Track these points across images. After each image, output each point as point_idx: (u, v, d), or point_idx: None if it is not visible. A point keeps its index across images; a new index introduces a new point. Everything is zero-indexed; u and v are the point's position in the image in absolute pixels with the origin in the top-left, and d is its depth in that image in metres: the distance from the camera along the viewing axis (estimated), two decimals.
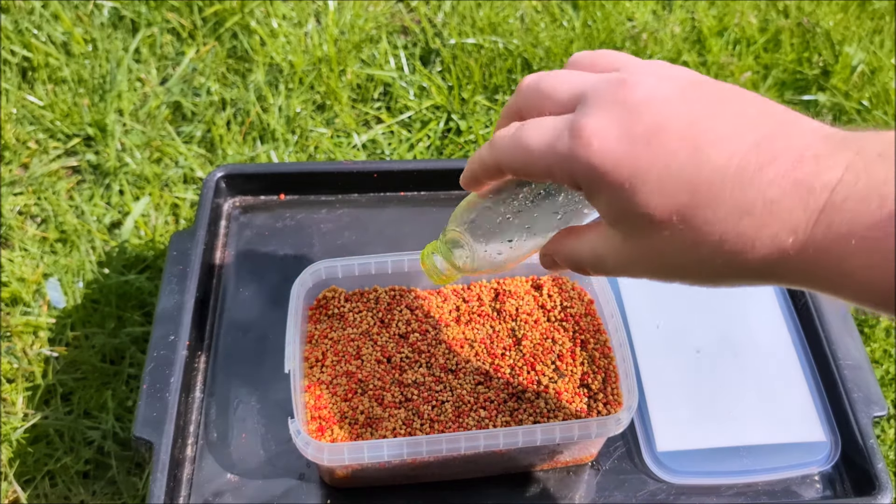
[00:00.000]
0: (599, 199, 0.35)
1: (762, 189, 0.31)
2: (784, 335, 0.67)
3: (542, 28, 1.19)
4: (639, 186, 0.33)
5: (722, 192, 0.31)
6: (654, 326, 0.66)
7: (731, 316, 0.67)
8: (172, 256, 0.67)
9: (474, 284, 0.63)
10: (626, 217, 0.34)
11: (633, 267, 0.36)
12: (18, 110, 1.06)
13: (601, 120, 0.33)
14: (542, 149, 0.35)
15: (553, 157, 0.35)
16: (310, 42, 1.15)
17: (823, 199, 0.30)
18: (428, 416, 0.55)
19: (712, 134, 0.32)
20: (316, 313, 0.61)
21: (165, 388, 0.59)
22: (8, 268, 0.92)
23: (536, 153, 0.36)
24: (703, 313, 0.68)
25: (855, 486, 0.60)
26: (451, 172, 0.76)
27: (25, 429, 0.81)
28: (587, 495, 0.58)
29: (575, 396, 0.56)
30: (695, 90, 0.34)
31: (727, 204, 0.31)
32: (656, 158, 0.32)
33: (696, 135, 0.32)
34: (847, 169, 0.30)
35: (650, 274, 0.36)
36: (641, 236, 0.34)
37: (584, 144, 0.33)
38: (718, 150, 0.32)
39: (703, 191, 0.32)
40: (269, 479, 0.58)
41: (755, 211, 0.31)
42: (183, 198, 1.00)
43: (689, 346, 0.66)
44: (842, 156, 0.30)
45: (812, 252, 0.30)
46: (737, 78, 1.16)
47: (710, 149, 0.32)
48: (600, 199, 0.35)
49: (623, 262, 0.36)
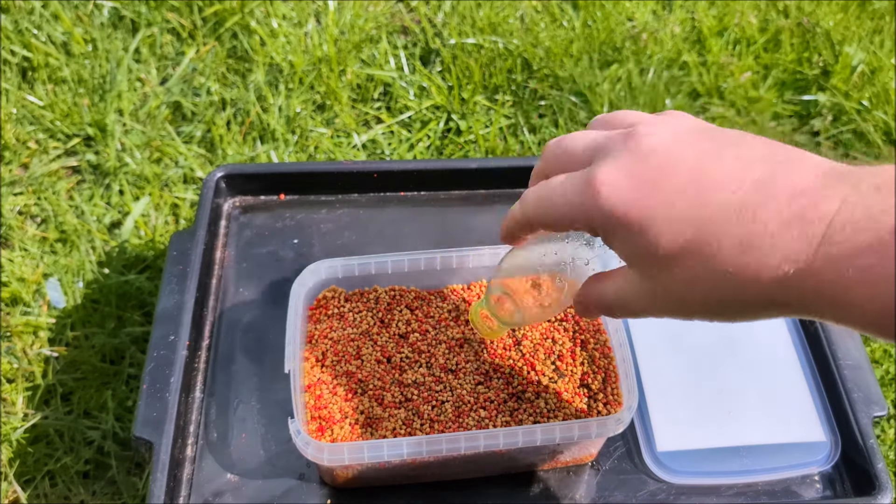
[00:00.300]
0: (615, 242, 0.37)
1: (764, 223, 0.32)
2: (784, 335, 0.67)
3: (542, 28, 1.19)
4: (648, 226, 0.35)
5: (726, 227, 0.33)
6: (654, 326, 0.66)
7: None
8: (172, 256, 0.67)
9: (474, 284, 0.63)
10: (641, 256, 0.36)
11: (653, 306, 0.38)
12: (18, 110, 1.06)
13: (612, 168, 0.36)
14: (563, 201, 0.38)
15: (573, 207, 0.38)
16: (310, 42, 1.15)
17: (821, 230, 0.31)
18: (428, 416, 0.55)
19: (716, 174, 0.34)
20: (316, 313, 0.61)
21: (165, 388, 0.59)
22: (8, 268, 0.92)
23: (559, 206, 0.39)
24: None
25: (855, 486, 0.60)
26: (451, 172, 0.76)
27: (25, 429, 0.81)
28: (587, 495, 0.58)
29: (575, 396, 0.56)
30: (700, 136, 0.36)
31: (731, 238, 0.33)
32: (663, 199, 0.35)
33: (701, 176, 0.34)
34: (844, 201, 0.31)
35: (670, 311, 0.38)
36: (656, 274, 0.36)
37: (596, 193, 0.36)
38: (722, 189, 0.34)
39: (708, 227, 0.34)
40: (269, 479, 0.58)
41: (757, 244, 0.32)
42: (183, 198, 1.00)
43: (689, 346, 0.66)
44: (839, 188, 0.31)
45: (813, 282, 0.31)
46: (737, 78, 1.16)
47: (714, 188, 0.34)
48: (616, 241, 0.37)
49: (644, 302, 0.38)
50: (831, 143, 1.12)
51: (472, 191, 0.76)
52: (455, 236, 0.72)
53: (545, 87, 1.12)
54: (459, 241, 0.71)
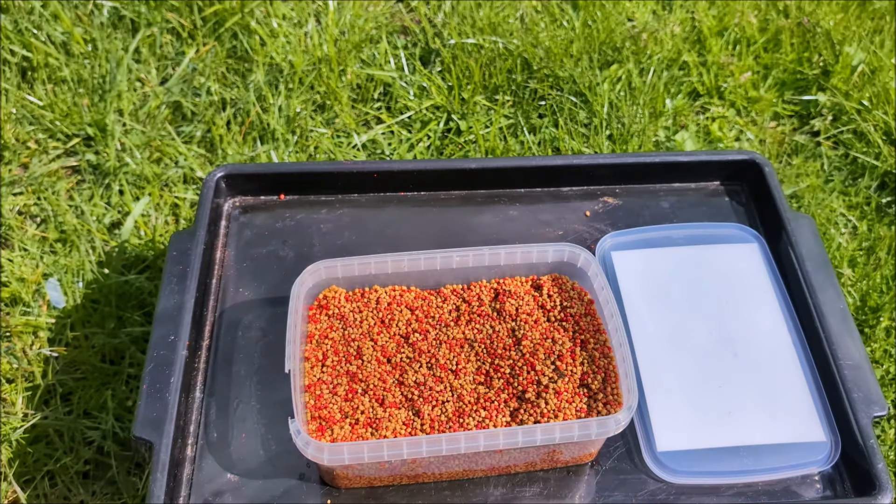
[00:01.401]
0: None
1: None
2: (784, 335, 0.67)
3: (542, 28, 1.19)
4: None
5: None
6: (653, 326, 0.66)
7: (731, 316, 0.67)
8: (172, 256, 0.67)
9: (474, 284, 0.63)
10: None
11: None
12: (18, 110, 1.06)
13: None
14: None
15: None
16: (310, 42, 1.15)
17: None
18: (428, 416, 0.55)
19: None
20: (316, 313, 0.61)
21: (165, 388, 0.59)
22: (8, 268, 0.92)
23: None
24: (704, 314, 0.68)
25: (855, 486, 0.60)
26: (451, 172, 0.76)
27: (25, 429, 0.81)
28: (587, 495, 0.58)
29: (575, 396, 0.56)
30: None
31: None
32: None
33: None
34: None
35: None
36: None
37: None
38: None
39: None
40: (269, 478, 0.58)
41: None
42: (183, 198, 1.00)
43: (690, 347, 0.66)
44: None
45: None
46: (737, 78, 1.16)
47: None
48: None
49: None
50: (831, 143, 1.12)
51: (472, 191, 0.76)
52: (455, 236, 0.72)
53: (545, 87, 1.12)
54: (459, 241, 0.71)
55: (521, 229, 0.73)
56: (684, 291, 0.68)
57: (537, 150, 1.07)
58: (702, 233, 0.72)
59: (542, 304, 0.61)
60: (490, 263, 0.62)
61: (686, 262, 0.70)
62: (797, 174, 1.07)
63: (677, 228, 0.72)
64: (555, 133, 1.08)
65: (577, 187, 0.77)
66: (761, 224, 0.74)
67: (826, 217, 1.01)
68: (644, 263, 0.70)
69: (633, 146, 1.07)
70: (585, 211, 0.75)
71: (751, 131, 1.12)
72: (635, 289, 0.68)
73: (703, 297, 0.68)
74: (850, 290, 0.93)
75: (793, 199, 1.04)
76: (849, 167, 1.08)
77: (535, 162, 0.76)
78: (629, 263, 0.70)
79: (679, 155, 0.80)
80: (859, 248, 0.99)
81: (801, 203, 1.03)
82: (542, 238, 0.73)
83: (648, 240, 0.71)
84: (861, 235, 1.00)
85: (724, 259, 0.70)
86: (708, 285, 0.69)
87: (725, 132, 1.11)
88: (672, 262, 0.70)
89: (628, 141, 1.07)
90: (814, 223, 0.72)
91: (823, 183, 1.06)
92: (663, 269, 0.70)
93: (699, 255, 0.71)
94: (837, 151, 1.11)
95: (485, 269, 0.63)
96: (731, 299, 0.68)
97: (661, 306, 0.68)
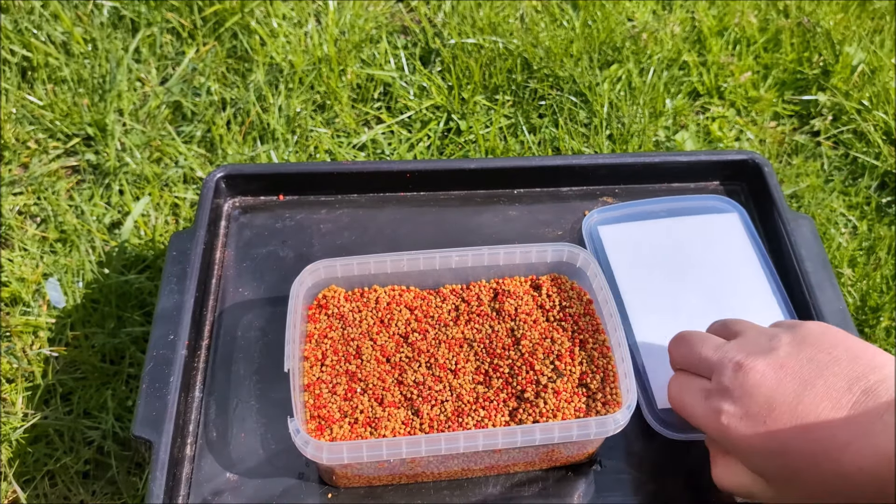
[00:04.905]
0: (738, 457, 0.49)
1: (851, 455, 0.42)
2: (769, 298, 0.68)
3: (542, 28, 1.19)
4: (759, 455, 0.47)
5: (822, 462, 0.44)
6: (644, 293, 0.67)
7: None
8: (172, 256, 0.67)
9: (474, 284, 0.63)
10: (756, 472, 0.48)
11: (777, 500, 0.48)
12: (18, 110, 1.06)
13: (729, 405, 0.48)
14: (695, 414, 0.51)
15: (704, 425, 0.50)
16: (310, 42, 1.15)
17: None
18: (427, 415, 0.55)
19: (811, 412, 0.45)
20: (316, 313, 0.61)
21: (165, 388, 0.59)
22: (8, 268, 0.92)
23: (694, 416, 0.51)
24: (691, 278, 0.69)
25: None
26: (451, 172, 0.76)
27: (25, 429, 0.81)
28: (587, 495, 0.58)
29: (574, 396, 0.56)
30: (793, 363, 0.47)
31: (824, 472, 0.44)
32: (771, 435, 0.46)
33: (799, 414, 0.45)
34: None
35: None
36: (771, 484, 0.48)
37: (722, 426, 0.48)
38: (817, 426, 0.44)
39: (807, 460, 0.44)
40: (268, 478, 0.58)
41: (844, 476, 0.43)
42: (183, 198, 1.00)
43: (679, 309, 0.66)
44: None
45: None
46: (737, 78, 1.16)
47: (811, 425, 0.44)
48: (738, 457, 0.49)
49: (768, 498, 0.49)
50: (831, 142, 1.12)
51: (472, 191, 0.76)
52: (455, 236, 0.72)
53: (545, 87, 1.12)
54: (459, 241, 0.71)
55: (520, 229, 0.73)
56: (671, 259, 0.71)
57: (537, 150, 1.07)
58: (683, 205, 0.75)
59: (541, 303, 0.61)
60: (489, 263, 0.62)
61: (670, 232, 0.73)
62: (797, 174, 1.07)
63: (659, 202, 0.75)
64: (555, 133, 1.08)
65: (576, 187, 0.77)
66: (761, 224, 0.74)
67: (826, 217, 1.01)
68: (630, 235, 0.72)
69: (633, 146, 1.07)
70: (585, 211, 0.75)
71: (751, 131, 1.12)
72: (624, 259, 0.70)
73: (689, 264, 0.70)
74: (850, 290, 0.93)
75: (793, 198, 1.04)
76: (849, 167, 1.08)
77: (535, 162, 0.76)
78: (616, 235, 0.72)
79: (679, 155, 0.80)
80: (859, 248, 0.99)
81: (801, 203, 1.03)
82: (541, 238, 0.73)
83: (632, 214, 0.74)
84: (861, 235, 1.00)
85: (706, 228, 0.73)
86: (693, 252, 0.71)
87: (725, 132, 1.12)
88: (657, 233, 0.73)
89: (628, 141, 1.07)
90: (813, 223, 0.72)
91: (823, 183, 1.06)
92: (649, 239, 0.72)
93: (682, 225, 0.73)
94: (837, 151, 1.11)
95: (484, 269, 0.63)
96: (716, 264, 0.70)
97: (650, 273, 0.69)
